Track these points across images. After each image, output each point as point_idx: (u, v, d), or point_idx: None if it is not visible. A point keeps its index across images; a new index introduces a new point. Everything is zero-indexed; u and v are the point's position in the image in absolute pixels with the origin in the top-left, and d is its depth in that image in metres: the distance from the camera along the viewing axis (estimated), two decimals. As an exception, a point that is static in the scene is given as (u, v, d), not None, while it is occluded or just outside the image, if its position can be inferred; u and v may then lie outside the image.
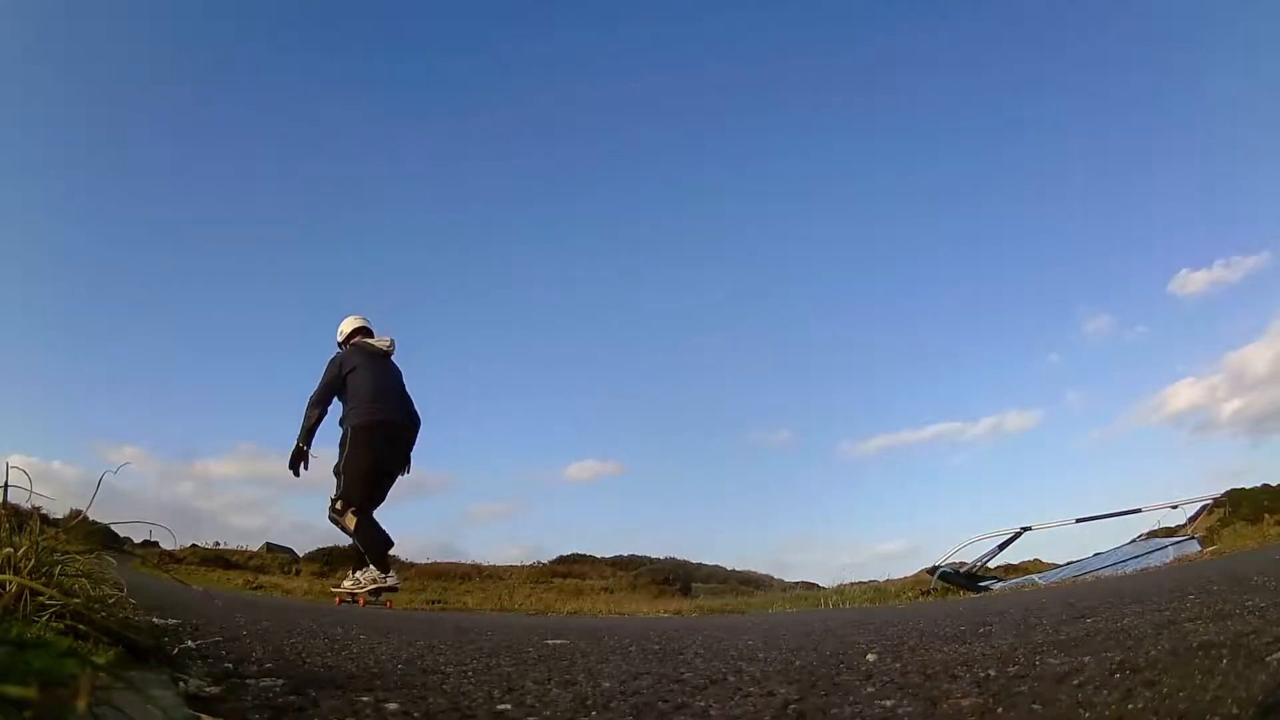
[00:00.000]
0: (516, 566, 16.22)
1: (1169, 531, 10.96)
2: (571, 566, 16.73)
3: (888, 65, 24.66)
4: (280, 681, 1.06)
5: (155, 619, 1.90)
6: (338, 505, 6.08)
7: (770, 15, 24.28)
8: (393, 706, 0.95)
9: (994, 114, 24.21)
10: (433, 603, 9.34)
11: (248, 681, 1.05)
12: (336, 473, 6.18)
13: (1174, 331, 23.08)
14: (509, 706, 1.01)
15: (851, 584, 9.85)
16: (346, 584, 6.27)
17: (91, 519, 1.42)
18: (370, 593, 6.09)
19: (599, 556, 17.38)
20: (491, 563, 16.13)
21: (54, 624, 1.03)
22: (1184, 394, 22.66)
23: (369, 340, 6.74)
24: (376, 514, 6.30)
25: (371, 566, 6.10)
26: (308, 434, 6.26)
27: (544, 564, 16.71)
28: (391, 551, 6.56)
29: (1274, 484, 12.35)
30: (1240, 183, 22.24)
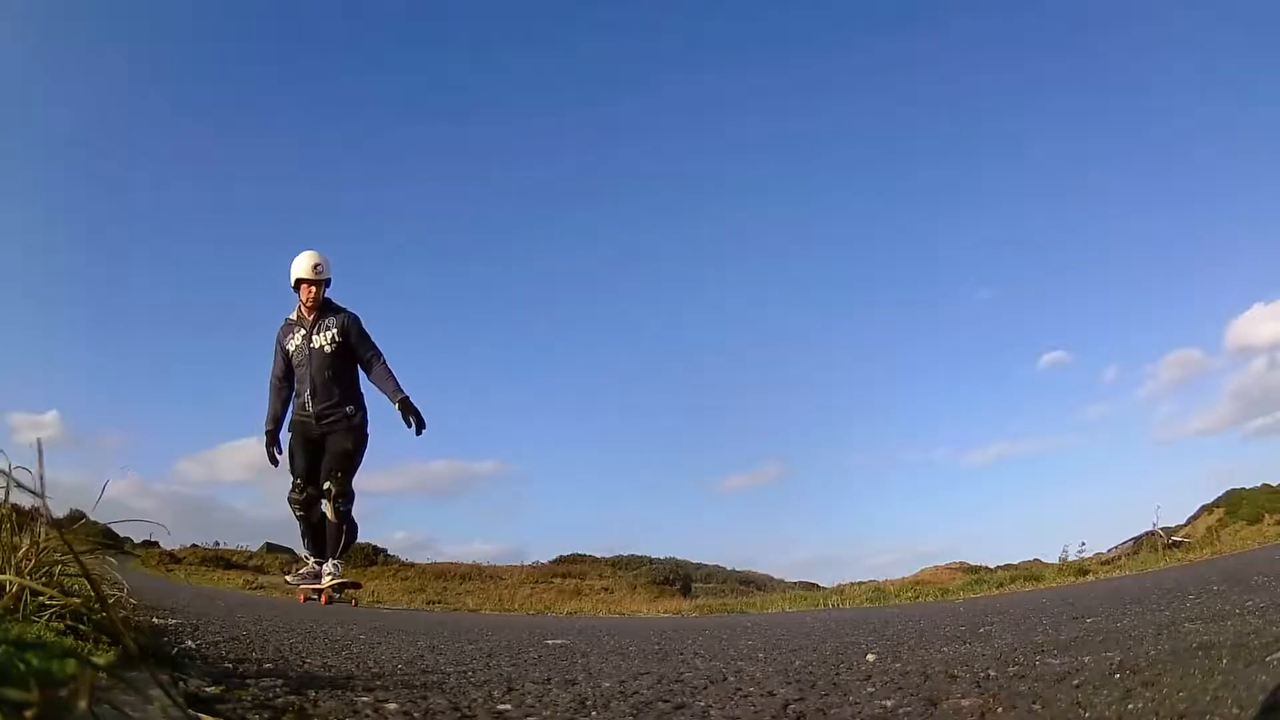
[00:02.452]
0: (516, 566, 16.23)
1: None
2: (571, 566, 16.74)
3: (893, 70, 24.66)
4: (280, 681, 1.06)
5: (155, 619, 1.90)
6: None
7: (770, 20, 24.29)
8: (393, 706, 0.95)
9: (1003, 122, 24.20)
10: (432, 603, 9.35)
11: (247, 681, 1.05)
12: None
13: (1173, 330, 23.05)
14: (509, 707, 1.01)
15: (851, 584, 9.87)
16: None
17: (91, 519, 1.42)
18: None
19: (599, 556, 17.41)
20: (492, 563, 16.15)
21: (54, 624, 1.03)
22: (1185, 393, 22.63)
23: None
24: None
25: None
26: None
27: (544, 564, 16.73)
28: (392, 550, 6.25)
29: (1274, 484, 12.36)
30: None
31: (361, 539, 5.97)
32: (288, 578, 6.30)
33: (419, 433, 5.70)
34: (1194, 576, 3.66)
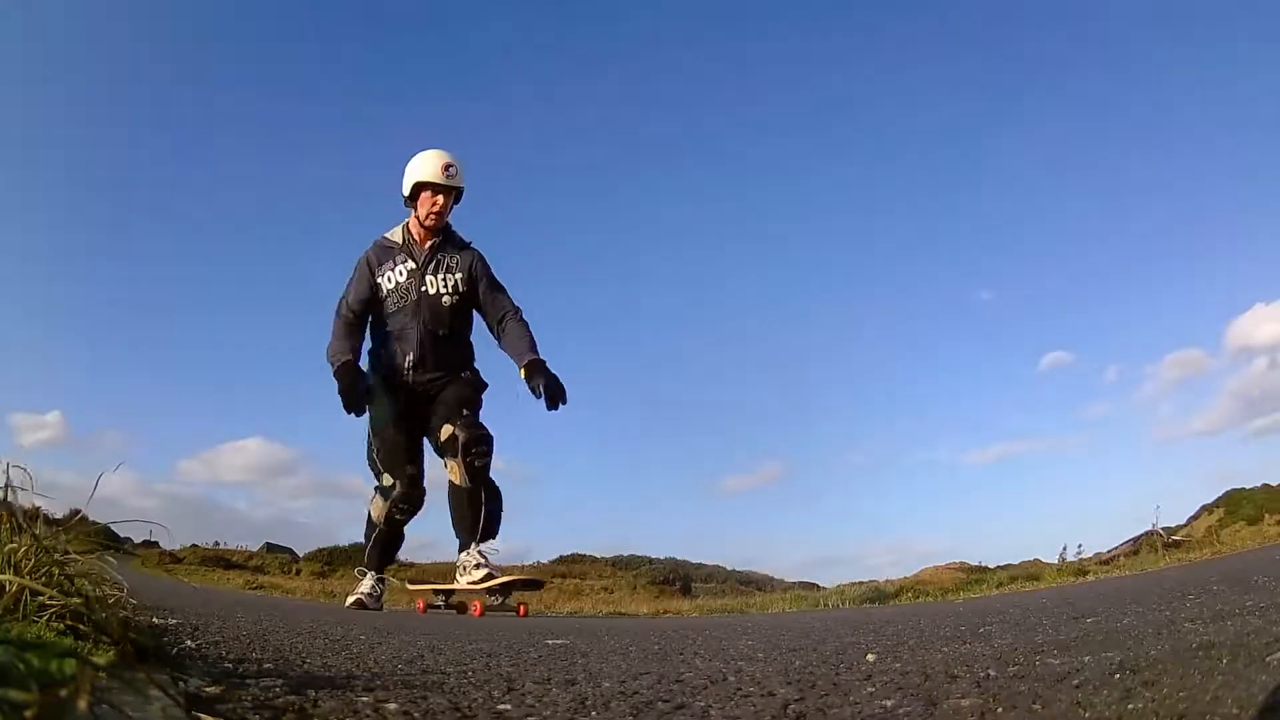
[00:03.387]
0: (517, 566, 16.23)
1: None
2: (571, 566, 16.74)
3: (894, 67, 24.67)
4: (280, 681, 1.06)
5: (155, 619, 1.90)
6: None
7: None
8: (393, 706, 0.95)
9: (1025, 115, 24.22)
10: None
11: (247, 681, 1.05)
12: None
13: (1174, 330, 23.09)
14: (509, 707, 1.01)
15: (851, 584, 9.88)
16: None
17: (91, 519, 1.42)
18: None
19: (599, 556, 17.40)
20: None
21: (54, 624, 1.03)
22: (1186, 393, 22.65)
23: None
24: None
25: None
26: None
27: (544, 564, 16.72)
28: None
29: (1274, 484, 12.37)
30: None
31: (360, 539, 4.53)
32: (395, 587, 4.55)
33: (554, 406, 3.79)
34: (1194, 576, 3.66)
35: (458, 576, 3.98)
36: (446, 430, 3.81)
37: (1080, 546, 10.30)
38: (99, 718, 0.55)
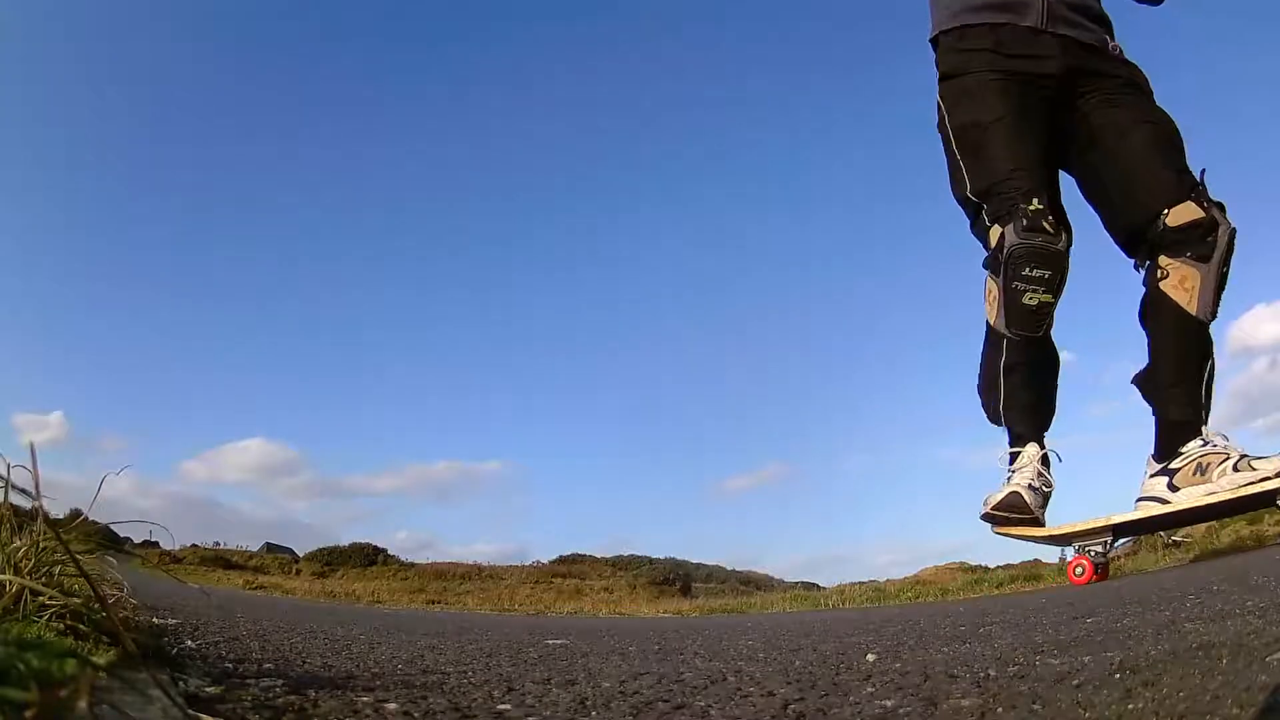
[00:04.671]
0: (516, 566, 16.24)
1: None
2: (571, 567, 16.75)
3: (895, 67, 24.69)
4: (280, 682, 1.06)
5: (155, 619, 1.90)
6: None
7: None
8: (392, 706, 0.95)
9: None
10: (432, 603, 9.37)
11: (247, 681, 1.05)
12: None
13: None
14: (509, 706, 1.01)
15: (852, 584, 9.88)
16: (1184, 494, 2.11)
17: (91, 519, 1.42)
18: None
19: (599, 556, 17.41)
20: (492, 563, 16.17)
21: (54, 624, 1.03)
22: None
23: None
24: None
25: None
26: None
27: (544, 564, 16.74)
28: (393, 550, 3.61)
29: (1274, 484, 12.35)
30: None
31: (360, 539, 3.89)
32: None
33: None
34: (1194, 576, 3.66)
35: (1181, 481, 2.19)
36: (1186, 212, 2.13)
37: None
38: (99, 718, 0.55)
